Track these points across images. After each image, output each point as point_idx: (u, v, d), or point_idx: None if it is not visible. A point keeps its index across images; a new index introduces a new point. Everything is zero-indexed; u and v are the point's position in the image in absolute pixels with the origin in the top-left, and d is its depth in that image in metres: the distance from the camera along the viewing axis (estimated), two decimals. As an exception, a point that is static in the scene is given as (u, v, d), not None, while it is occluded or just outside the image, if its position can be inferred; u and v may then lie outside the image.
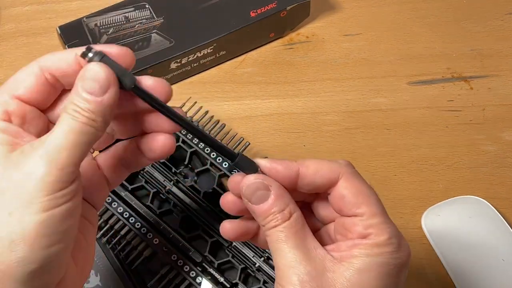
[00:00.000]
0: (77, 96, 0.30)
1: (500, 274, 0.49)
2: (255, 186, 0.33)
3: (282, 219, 0.33)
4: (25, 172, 0.29)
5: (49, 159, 0.29)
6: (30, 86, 0.32)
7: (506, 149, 0.57)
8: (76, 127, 0.30)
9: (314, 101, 0.60)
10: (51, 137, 0.30)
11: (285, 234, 0.33)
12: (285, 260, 0.32)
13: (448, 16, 0.66)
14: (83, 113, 0.30)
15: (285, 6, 0.61)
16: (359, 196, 0.34)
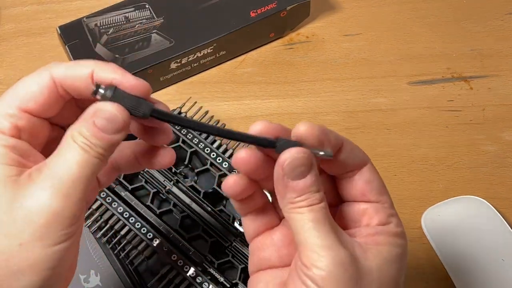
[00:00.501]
0: (88, 131, 0.30)
1: (500, 274, 0.49)
2: (300, 162, 0.31)
3: (319, 199, 0.31)
4: (38, 204, 0.29)
5: (64, 193, 0.29)
6: (42, 100, 0.32)
7: (506, 149, 0.57)
8: (88, 160, 0.30)
9: (314, 101, 0.60)
10: (63, 167, 0.30)
11: (322, 215, 0.31)
12: (322, 241, 0.30)
13: (448, 16, 0.66)
14: (93, 148, 0.30)
15: (285, 6, 0.61)
16: (383, 185, 0.34)
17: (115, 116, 0.30)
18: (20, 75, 0.61)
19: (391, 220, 0.33)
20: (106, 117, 0.30)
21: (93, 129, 0.30)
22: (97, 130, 0.30)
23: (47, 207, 0.29)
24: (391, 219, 0.33)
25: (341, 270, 0.30)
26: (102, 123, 0.30)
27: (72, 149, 0.30)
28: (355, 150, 0.34)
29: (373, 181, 0.34)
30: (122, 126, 0.31)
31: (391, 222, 0.33)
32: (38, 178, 0.30)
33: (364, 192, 0.34)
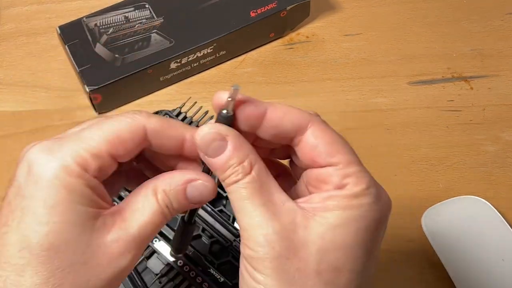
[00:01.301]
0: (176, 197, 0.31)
1: (500, 274, 0.49)
2: (210, 137, 0.30)
3: (243, 172, 0.30)
4: (108, 258, 0.29)
5: (133, 253, 0.30)
6: (130, 149, 0.31)
7: (506, 149, 0.57)
8: (163, 221, 0.31)
9: (314, 101, 0.60)
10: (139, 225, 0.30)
11: (248, 190, 0.29)
12: (250, 219, 0.29)
13: (448, 16, 0.66)
14: (171, 211, 0.31)
15: (285, 6, 0.61)
16: (333, 144, 0.31)
17: (209, 191, 0.31)
18: (20, 75, 0.62)
19: (347, 181, 0.30)
20: (201, 191, 0.31)
21: (181, 196, 0.31)
22: (185, 198, 0.31)
23: (117, 264, 0.30)
24: (348, 180, 0.30)
25: (267, 248, 0.28)
26: (193, 195, 0.31)
27: (151, 208, 0.31)
28: (290, 114, 0.32)
29: (317, 145, 0.31)
30: (207, 200, 0.32)
31: (347, 183, 0.30)
32: (112, 229, 0.30)
33: (313, 158, 0.31)
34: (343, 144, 0.31)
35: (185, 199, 0.31)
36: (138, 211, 0.31)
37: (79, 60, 0.58)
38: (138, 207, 0.31)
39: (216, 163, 0.30)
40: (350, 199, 0.30)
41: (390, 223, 0.55)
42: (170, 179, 0.31)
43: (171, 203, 0.31)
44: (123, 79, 0.57)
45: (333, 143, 0.31)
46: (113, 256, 0.29)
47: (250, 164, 0.30)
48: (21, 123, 0.59)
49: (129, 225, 0.30)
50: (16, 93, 0.61)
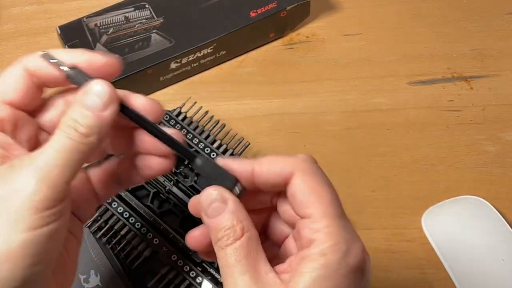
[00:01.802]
0: (76, 111, 0.30)
1: (500, 274, 0.49)
2: (213, 197, 0.32)
3: (234, 237, 0.31)
4: (14, 189, 0.29)
5: (39, 176, 0.29)
6: (19, 90, 0.32)
7: (506, 149, 0.57)
8: (70, 144, 0.30)
9: (314, 101, 0.60)
10: (43, 154, 0.29)
11: (236, 257, 0.30)
12: (235, 284, 0.30)
13: (448, 16, 0.66)
14: (80, 129, 0.30)
15: (285, 6, 0.61)
16: (311, 195, 0.31)
17: (103, 90, 0.31)
18: (20, 75, 0.62)
19: (316, 236, 0.30)
20: (95, 93, 0.30)
21: (82, 110, 0.30)
22: (85, 108, 0.30)
23: (22, 191, 0.28)
24: (316, 235, 0.30)
25: None
26: (90, 99, 0.30)
27: (56, 136, 0.30)
28: (274, 167, 0.32)
29: (295, 195, 0.31)
30: (110, 100, 0.31)
31: (315, 240, 0.30)
32: (19, 167, 0.29)
33: (293, 209, 0.32)
34: (322, 194, 0.31)
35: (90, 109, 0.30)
36: (45, 145, 0.30)
37: (79, 60, 0.58)
38: (46, 143, 0.30)
39: (213, 223, 0.32)
40: (318, 258, 0.30)
41: (390, 223, 0.56)
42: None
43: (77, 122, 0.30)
44: (123, 79, 0.57)
45: (311, 193, 0.31)
46: (17, 186, 0.29)
47: (242, 229, 0.31)
48: (21, 123, 0.59)
49: (38, 159, 0.29)
50: (16, 93, 0.61)
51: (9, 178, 0.29)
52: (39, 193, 0.29)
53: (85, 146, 0.30)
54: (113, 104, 0.31)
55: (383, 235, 0.52)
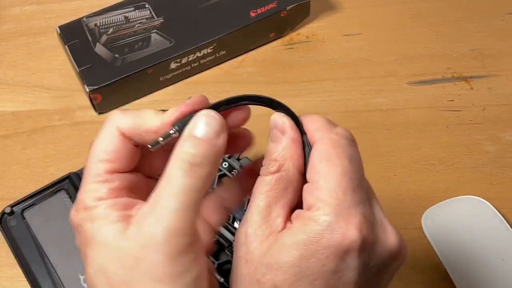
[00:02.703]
0: (191, 145, 0.29)
1: (500, 274, 0.49)
2: (275, 123, 0.33)
3: (269, 171, 0.32)
4: (144, 244, 0.28)
5: (165, 226, 0.28)
6: (121, 156, 0.31)
7: (506, 149, 0.57)
8: (187, 184, 0.29)
9: (314, 101, 0.60)
10: (161, 200, 0.29)
11: (260, 189, 0.31)
12: (248, 212, 0.31)
13: (448, 16, 0.66)
14: (192, 160, 0.29)
15: (285, 6, 0.61)
16: (322, 163, 0.31)
17: (212, 117, 0.31)
18: (20, 75, 0.62)
19: (312, 203, 0.30)
20: (205, 122, 0.30)
21: (195, 141, 0.30)
22: (200, 140, 0.30)
23: (154, 245, 0.28)
24: (312, 201, 0.30)
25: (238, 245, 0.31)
26: (202, 130, 0.30)
27: (170, 178, 0.29)
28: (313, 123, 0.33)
29: (312, 156, 0.32)
30: (221, 126, 0.31)
31: (313, 206, 0.30)
32: (140, 217, 0.29)
33: (306, 172, 0.32)
34: (335, 165, 0.31)
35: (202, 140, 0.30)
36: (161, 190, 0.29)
37: (79, 60, 0.58)
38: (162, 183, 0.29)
39: (269, 148, 0.33)
40: (306, 223, 0.30)
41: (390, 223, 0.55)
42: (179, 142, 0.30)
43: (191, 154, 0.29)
44: (123, 79, 0.57)
45: (324, 161, 0.31)
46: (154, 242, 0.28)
47: (279, 167, 0.32)
48: (21, 123, 0.59)
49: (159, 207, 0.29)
50: (16, 93, 0.61)
51: (135, 236, 0.29)
52: (172, 242, 0.28)
53: (201, 181, 0.29)
54: (224, 132, 0.31)
55: (383, 235, 0.52)
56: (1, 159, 0.56)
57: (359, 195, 0.31)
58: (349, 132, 0.34)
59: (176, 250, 0.28)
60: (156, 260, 0.28)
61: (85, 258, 0.30)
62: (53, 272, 0.48)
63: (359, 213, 0.30)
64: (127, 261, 0.28)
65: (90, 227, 0.30)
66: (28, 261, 0.49)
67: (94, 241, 0.29)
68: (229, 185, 0.36)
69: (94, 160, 0.31)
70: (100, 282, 0.29)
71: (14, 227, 0.51)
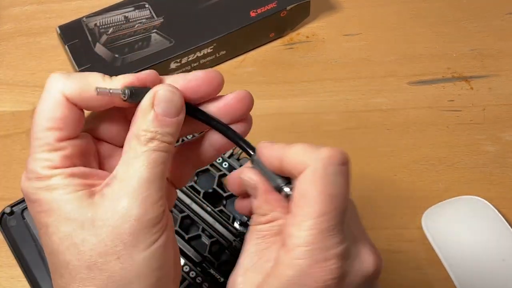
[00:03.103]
0: (153, 123, 0.30)
1: (500, 274, 0.49)
2: (245, 184, 0.33)
3: (258, 222, 0.32)
4: (119, 216, 0.29)
5: (140, 198, 0.29)
6: (70, 122, 0.31)
7: (506, 149, 0.57)
8: (155, 157, 0.30)
9: (314, 101, 0.60)
10: (133, 174, 0.30)
11: (253, 235, 0.32)
12: (241, 258, 0.32)
13: (448, 16, 0.66)
14: (159, 138, 0.30)
15: (285, 6, 0.61)
16: (300, 200, 0.30)
17: (173, 94, 0.31)
18: (19, 75, 0.62)
19: (287, 241, 0.30)
20: (166, 100, 0.31)
21: (156, 119, 0.30)
22: (162, 118, 0.30)
23: (128, 216, 0.29)
24: (287, 240, 0.30)
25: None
26: (163, 108, 0.30)
27: (137, 153, 0.30)
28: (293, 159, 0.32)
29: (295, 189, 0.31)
30: (182, 103, 0.31)
31: (285, 243, 0.30)
32: (111, 192, 0.30)
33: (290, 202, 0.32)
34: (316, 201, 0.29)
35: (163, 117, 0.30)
36: (127, 164, 0.30)
37: (79, 60, 0.58)
38: (125, 161, 0.30)
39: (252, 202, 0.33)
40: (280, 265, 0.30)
41: (390, 223, 0.56)
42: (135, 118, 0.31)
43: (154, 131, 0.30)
44: (123, 79, 0.57)
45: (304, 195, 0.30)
46: (122, 212, 0.29)
47: (268, 220, 0.32)
48: (21, 123, 0.59)
49: (124, 180, 0.30)
50: (16, 93, 0.61)
51: (110, 206, 0.29)
52: (146, 213, 0.29)
53: (166, 154, 0.31)
54: (183, 106, 0.31)
55: (383, 235, 0.52)
56: (1, 159, 0.56)
57: (336, 234, 0.30)
58: (341, 155, 0.32)
59: (151, 218, 0.29)
60: (130, 228, 0.29)
61: (45, 226, 0.30)
62: (53, 272, 0.48)
63: (334, 254, 0.29)
64: (98, 229, 0.29)
65: (49, 196, 0.30)
66: (28, 261, 0.49)
67: (56, 211, 0.30)
68: (192, 144, 0.36)
69: (41, 128, 0.30)
70: (68, 249, 0.29)
71: (14, 227, 0.51)
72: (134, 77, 0.31)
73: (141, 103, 0.31)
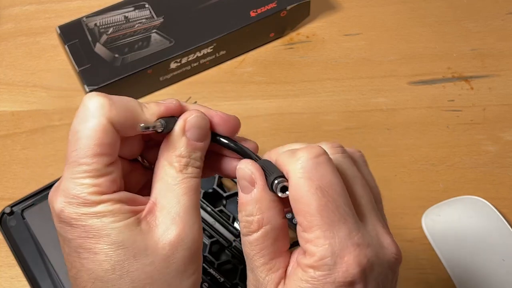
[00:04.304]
0: (186, 149, 0.32)
1: (500, 274, 0.49)
2: (242, 174, 0.32)
3: (251, 230, 0.31)
4: (172, 244, 0.30)
5: (187, 225, 0.31)
6: (117, 148, 0.32)
7: (506, 149, 0.57)
8: (193, 184, 0.32)
9: (314, 101, 0.60)
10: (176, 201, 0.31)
11: (250, 250, 0.32)
12: (250, 276, 0.32)
13: (448, 16, 0.66)
14: (194, 164, 0.32)
15: (285, 6, 0.61)
16: (299, 203, 0.30)
17: (202, 120, 0.32)
18: (20, 75, 0.62)
19: (307, 247, 0.29)
20: (196, 125, 0.32)
21: (188, 143, 0.32)
22: (193, 143, 0.32)
23: (179, 242, 0.30)
24: (307, 245, 0.29)
25: None
26: (194, 133, 0.32)
27: (176, 180, 0.32)
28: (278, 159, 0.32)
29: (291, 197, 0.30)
30: (208, 126, 0.33)
31: (306, 250, 0.30)
32: (157, 221, 0.31)
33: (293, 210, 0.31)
34: (310, 200, 0.29)
35: (194, 142, 0.32)
36: (165, 191, 0.31)
37: (79, 60, 0.58)
38: (163, 187, 0.32)
39: (240, 198, 0.32)
40: (307, 270, 0.29)
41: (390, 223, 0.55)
42: (167, 147, 0.32)
43: (186, 157, 0.32)
44: (123, 79, 0.57)
45: (298, 200, 0.30)
46: (173, 240, 0.30)
47: (259, 222, 0.31)
48: (21, 123, 0.59)
49: (167, 208, 0.31)
50: (16, 93, 0.61)
51: (158, 236, 0.31)
52: (194, 241, 0.31)
53: (199, 180, 0.32)
54: (209, 130, 0.33)
55: (383, 235, 0.52)
56: (1, 159, 0.56)
57: (346, 222, 0.29)
58: (313, 149, 0.30)
59: (199, 246, 0.31)
60: (182, 256, 0.31)
61: (93, 253, 0.30)
62: (53, 272, 0.48)
63: (353, 244, 0.29)
64: (151, 258, 0.30)
65: (97, 223, 0.30)
66: (28, 261, 0.49)
67: (105, 238, 0.30)
68: None
69: (88, 153, 0.30)
70: (121, 277, 0.30)
71: (14, 227, 0.51)
72: (164, 107, 0.33)
73: (173, 131, 0.32)
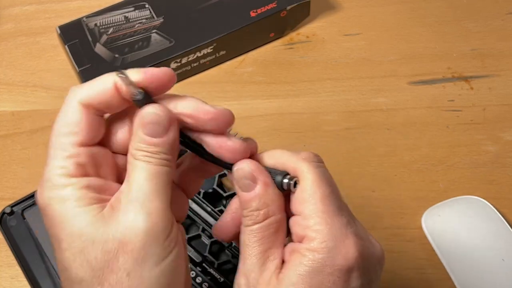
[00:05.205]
0: (142, 143, 0.30)
1: (500, 274, 0.49)
2: (243, 173, 0.33)
3: (255, 221, 0.32)
4: (129, 230, 0.29)
5: (146, 211, 0.29)
6: (84, 127, 0.31)
7: (506, 149, 0.57)
8: (155, 171, 0.30)
9: (314, 101, 0.60)
10: (136, 188, 0.30)
11: (252, 238, 0.32)
12: (241, 263, 0.32)
13: (448, 16, 0.66)
14: (155, 156, 0.30)
15: (285, 6, 0.61)
16: (303, 193, 0.32)
17: (158, 116, 0.31)
18: (20, 75, 0.62)
19: (305, 233, 0.31)
20: (150, 121, 0.30)
21: (144, 139, 0.30)
22: (149, 138, 0.30)
23: (136, 229, 0.29)
24: (306, 232, 0.31)
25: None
26: (149, 129, 0.30)
27: (137, 167, 0.30)
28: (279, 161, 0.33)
29: (296, 191, 0.32)
30: (168, 123, 0.31)
31: (304, 236, 0.31)
32: (120, 207, 0.30)
33: (292, 203, 0.33)
34: (315, 190, 0.32)
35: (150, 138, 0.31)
36: (129, 178, 0.30)
37: (79, 60, 0.58)
38: (128, 176, 0.31)
39: (242, 197, 0.33)
40: (306, 253, 0.31)
41: (390, 223, 0.56)
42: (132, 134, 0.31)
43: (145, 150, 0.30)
44: (123, 79, 0.57)
45: (303, 191, 0.32)
46: (131, 226, 0.29)
47: (265, 214, 0.32)
48: (21, 123, 0.59)
49: (129, 194, 0.30)
50: (16, 93, 0.61)
51: (118, 221, 0.29)
52: (153, 226, 0.29)
53: (168, 168, 0.31)
54: (173, 124, 0.31)
55: (383, 235, 0.52)
56: (1, 159, 0.56)
57: (343, 214, 0.32)
58: (314, 153, 0.34)
59: (158, 231, 0.29)
60: (139, 242, 0.29)
61: (58, 241, 0.30)
62: (53, 272, 0.48)
63: (351, 232, 0.31)
64: (109, 244, 0.29)
65: (61, 208, 0.30)
66: (28, 261, 0.49)
67: (68, 224, 0.29)
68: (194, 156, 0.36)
69: (57, 134, 0.31)
70: (81, 265, 0.29)
71: (14, 227, 0.51)
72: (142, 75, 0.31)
73: (134, 122, 0.31)
